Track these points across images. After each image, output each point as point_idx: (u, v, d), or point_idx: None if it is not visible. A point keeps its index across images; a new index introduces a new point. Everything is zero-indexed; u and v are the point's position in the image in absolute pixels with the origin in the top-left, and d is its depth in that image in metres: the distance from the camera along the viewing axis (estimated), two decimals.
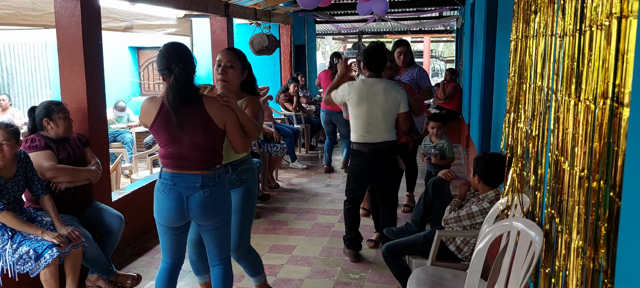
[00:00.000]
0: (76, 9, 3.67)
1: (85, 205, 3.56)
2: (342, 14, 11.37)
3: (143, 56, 10.20)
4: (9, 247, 3.00)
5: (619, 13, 1.16)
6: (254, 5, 6.80)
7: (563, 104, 1.64)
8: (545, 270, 1.94)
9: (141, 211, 4.53)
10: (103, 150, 3.97)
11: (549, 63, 1.90)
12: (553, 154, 1.77)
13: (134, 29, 6.13)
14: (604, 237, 1.26)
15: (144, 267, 3.93)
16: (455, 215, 2.97)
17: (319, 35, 15.15)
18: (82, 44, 3.69)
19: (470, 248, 2.96)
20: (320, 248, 4.25)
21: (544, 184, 1.98)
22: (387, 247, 3.16)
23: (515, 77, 2.51)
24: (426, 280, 2.67)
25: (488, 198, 2.94)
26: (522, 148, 2.31)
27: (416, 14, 10.90)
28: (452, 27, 13.87)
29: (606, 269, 1.25)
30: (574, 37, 1.53)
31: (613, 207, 1.22)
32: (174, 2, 5.18)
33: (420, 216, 3.80)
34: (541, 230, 1.95)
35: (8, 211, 3.02)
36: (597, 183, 1.32)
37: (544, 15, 1.95)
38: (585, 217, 1.41)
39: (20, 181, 3.14)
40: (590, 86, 1.36)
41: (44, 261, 3.00)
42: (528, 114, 2.21)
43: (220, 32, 6.29)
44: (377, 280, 3.64)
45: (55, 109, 3.39)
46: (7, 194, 3.05)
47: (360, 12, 7.39)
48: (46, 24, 4.77)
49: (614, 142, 1.20)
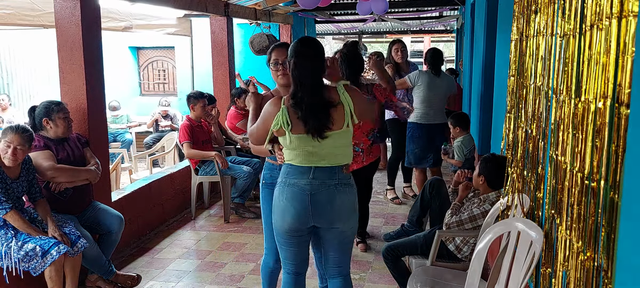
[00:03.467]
0: (76, 9, 3.66)
1: (85, 206, 3.56)
2: (342, 13, 11.36)
3: (143, 56, 10.19)
4: (14, 245, 3.01)
5: (619, 13, 1.16)
6: (254, 5, 6.80)
7: (563, 104, 1.64)
8: (545, 270, 1.94)
9: (141, 211, 4.53)
10: (103, 150, 3.97)
11: (549, 63, 1.89)
12: (553, 154, 1.77)
13: (134, 28, 6.13)
14: (604, 237, 1.26)
15: (144, 267, 3.93)
16: (457, 219, 2.96)
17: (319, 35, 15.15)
18: (82, 44, 3.69)
19: (470, 248, 2.96)
20: None
21: (544, 184, 1.98)
22: (387, 248, 3.16)
23: (515, 77, 2.51)
24: (426, 280, 2.67)
25: (489, 200, 2.94)
26: (522, 148, 2.30)
27: (416, 14, 10.90)
28: (452, 27, 13.86)
29: (606, 269, 1.25)
30: (574, 37, 1.53)
31: (613, 207, 1.22)
32: (174, 2, 5.18)
33: (417, 216, 3.80)
34: (541, 230, 1.95)
35: (15, 211, 3.03)
36: (597, 183, 1.31)
37: (544, 15, 1.94)
38: (585, 217, 1.41)
39: (23, 182, 3.15)
40: (591, 86, 1.36)
41: (50, 258, 3.01)
42: (528, 114, 2.21)
43: (220, 32, 6.29)
44: (377, 280, 3.64)
45: (55, 108, 3.39)
46: (12, 193, 3.07)
47: (360, 12, 7.39)
48: (46, 24, 4.77)
49: (614, 142, 1.20)
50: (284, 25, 8.89)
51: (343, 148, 2.41)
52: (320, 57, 2.38)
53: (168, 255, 4.16)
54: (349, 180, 2.45)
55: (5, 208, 2.98)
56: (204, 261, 4.04)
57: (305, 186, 2.37)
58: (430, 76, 4.97)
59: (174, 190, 5.16)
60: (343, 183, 2.42)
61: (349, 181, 2.45)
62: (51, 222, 3.15)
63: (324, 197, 2.38)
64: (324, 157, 2.38)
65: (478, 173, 3.03)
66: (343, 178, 2.42)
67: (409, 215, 3.84)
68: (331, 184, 2.38)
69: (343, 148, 2.41)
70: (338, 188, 2.40)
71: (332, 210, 2.39)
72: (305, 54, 2.34)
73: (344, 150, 2.42)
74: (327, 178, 2.38)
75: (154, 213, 4.77)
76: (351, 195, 2.46)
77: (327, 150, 2.37)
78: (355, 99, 2.38)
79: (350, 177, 2.48)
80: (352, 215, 2.48)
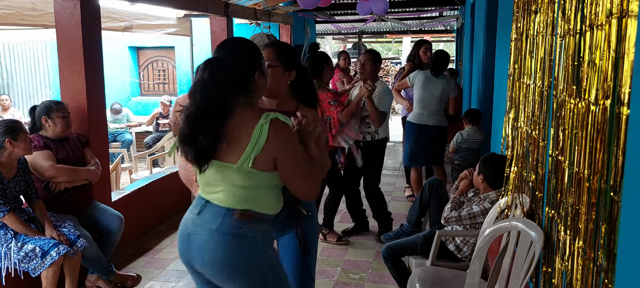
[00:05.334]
0: (76, 9, 3.66)
1: (84, 205, 3.55)
2: (342, 13, 11.37)
3: (143, 56, 10.19)
4: (14, 246, 3.01)
5: (619, 13, 1.16)
6: (254, 5, 6.79)
7: (563, 104, 1.64)
8: (545, 270, 1.94)
9: (141, 211, 4.53)
10: (103, 150, 3.97)
11: (549, 63, 1.90)
12: (553, 154, 1.77)
13: (134, 28, 6.12)
14: (604, 237, 1.26)
15: (143, 267, 3.92)
16: (456, 214, 2.97)
17: (319, 35, 15.15)
18: (82, 44, 3.69)
19: (470, 248, 2.96)
20: (320, 248, 4.24)
21: (544, 184, 1.98)
22: (386, 248, 3.16)
23: (515, 77, 2.51)
24: (426, 280, 2.67)
25: (490, 199, 2.94)
26: (522, 148, 2.30)
27: (416, 14, 10.90)
28: (452, 27, 13.86)
29: (606, 269, 1.25)
30: (574, 37, 1.53)
31: (613, 207, 1.22)
32: (174, 2, 5.18)
33: (416, 216, 3.80)
34: (541, 230, 1.95)
35: (13, 213, 3.03)
36: (597, 183, 1.31)
37: (544, 15, 1.94)
38: (586, 217, 1.41)
39: (20, 181, 3.15)
40: (591, 86, 1.36)
41: (50, 259, 3.00)
42: (528, 114, 2.21)
43: (220, 32, 6.29)
44: (377, 281, 3.64)
45: (54, 107, 3.40)
46: (10, 193, 3.07)
47: (360, 12, 7.39)
48: (46, 24, 4.77)
49: (614, 142, 1.20)
50: (284, 26, 8.88)
51: (243, 189, 1.80)
52: (239, 70, 1.81)
53: (168, 255, 4.16)
54: (238, 231, 1.79)
55: (3, 211, 2.98)
56: None
57: (187, 220, 1.90)
58: (426, 76, 4.92)
59: (174, 190, 5.15)
60: (225, 232, 1.78)
61: (238, 231, 1.79)
62: (48, 224, 3.15)
63: (198, 242, 1.82)
64: (215, 190, 1.83)
65: (477, 172, 3.03)
66: (231, 226, 1.79)
67: (408, 216, 3.84)
68: (211, 229, 1.80)
69: (243, 189, 1.80)
70: (216, 237, 1.79)
71: (204, 261, 1.82)
72: (211, 67, 1.78)
73: (245, 191, 1.80)
74: (208, 219, 1.82)
75: (154, 213, 4.77)
76: (236, 251, 1.79)
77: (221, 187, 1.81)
78: (277, 140, 1.74)
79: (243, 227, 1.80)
80: (233, 278, 1.82)
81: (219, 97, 1.76)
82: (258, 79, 1.84)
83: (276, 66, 2.09)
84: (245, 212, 1.80)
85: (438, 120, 4.95)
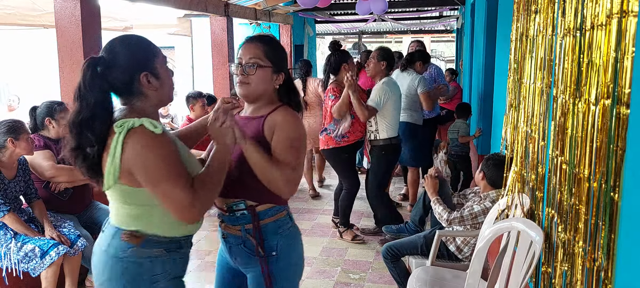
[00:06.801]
0: (76, 9, 3.67)
1: (84, 205, 3.55)
2: (342, 13, 11.38)
3: None
4: (13, 246, 3.01)
5: (619, 13, 1.16)
6: (254, 5, 6.80)
7: (563, 104, 1.64)
8: (545, 270, 1.94)
9: None
10: None
11: (549, 63, 1.90)
12: (553, 154, 1.77)
13: (134, 28, 6.13)
14: (604, 237, 1.26)
15: None
16: (458, 215, 2.97)
17: (319, 35, 15.16)
18: (82, 44, 3.69)
19: (471, 249, 2.96)
20: (320, 248, 4.25)
21: (544, 184, 1.98)
22: (387, 248, 3.16)
23: (515, 76, 2.51)
24: (426, 280, 2.67)
25: (490, 198, 2.94)
26: (522, 148, 2.30)
27: (416, 14, 10.91)
28: (452, 27, 13.86)
29: (606, 269, 1.25)
30: (574, 37, 1.53)
31: (613, 207, 1.22)
32: (174, 2, 5.18)
33: (420, 216, 3.80)
34: (541, 230, 1.95)
35: (13, 213, 3.03)
36: (597, 183, 1.31)
37: (544, 15, 1.94)
38: (586, 217, 1.41)
39: (20, 181, 3.15)
40: (591, 86, 1.36)
41: (49, 259, 3.01)
42: (528, 114, 2.21)
43: (220, 32, 6.30)
44: (377, 280, 3.64)
45: (57, 108, 3.40)
46: (10, 193, 3.07)
47: (359, 11, 7.41)
48: (46, 24, 4.78)
49: (614, 142, 1.20)
50: (284, 25, 8.89)
51: (128, 206, 1.60)
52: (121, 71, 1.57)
53: None
54: (123, 254, 1.59)
55: (3, 211, 2.98)
56: (204, 261, 4.04)
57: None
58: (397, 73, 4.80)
59: None
60: (112, 255, 1.60)
61: (123, 255, 1.59)
62: (48, 224, 3.15)
63: (93, 261, 1.68)
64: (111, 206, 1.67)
65: (479, 170, 3.04)
66: (117, 249, 1.60)
67: (411, 215, 3.85)
68: (102, 249, 1.64)
69: (128, 206, 1.60)
70: (103, 258, 1.63)
71: (97, 283, 1.66)
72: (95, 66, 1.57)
73: (131, 209, 1.60)
74: (103, 238, 1.67)
75: None
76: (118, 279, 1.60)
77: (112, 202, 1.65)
78: (132, 151, 1.50)
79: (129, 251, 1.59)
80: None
81: (97, 102, 1.54)
82: (143, 80, 1.58)
83: (265, 66, 1.81)
84: (133, 234, 1.59)
85: (407, 116, 4.72)
